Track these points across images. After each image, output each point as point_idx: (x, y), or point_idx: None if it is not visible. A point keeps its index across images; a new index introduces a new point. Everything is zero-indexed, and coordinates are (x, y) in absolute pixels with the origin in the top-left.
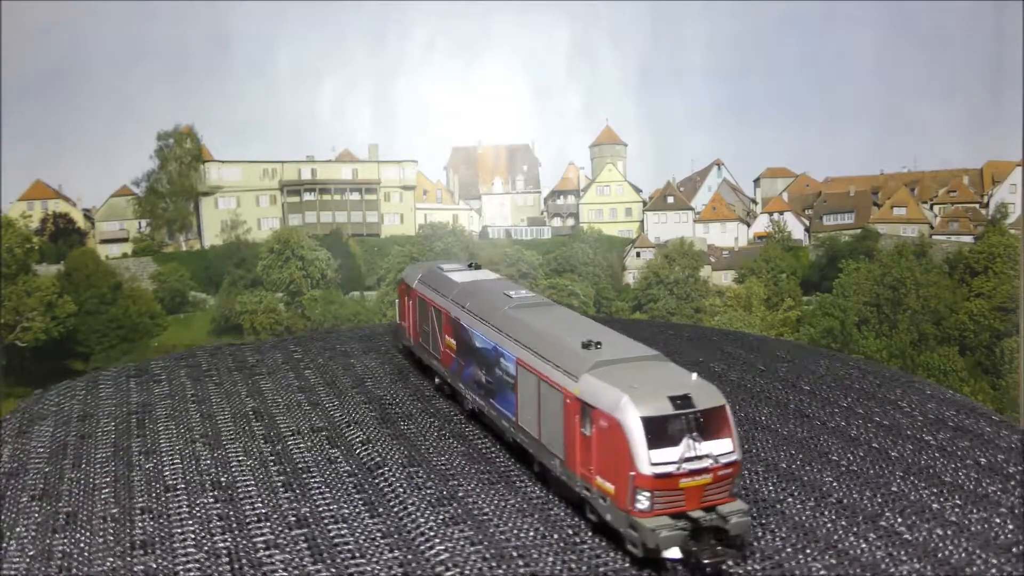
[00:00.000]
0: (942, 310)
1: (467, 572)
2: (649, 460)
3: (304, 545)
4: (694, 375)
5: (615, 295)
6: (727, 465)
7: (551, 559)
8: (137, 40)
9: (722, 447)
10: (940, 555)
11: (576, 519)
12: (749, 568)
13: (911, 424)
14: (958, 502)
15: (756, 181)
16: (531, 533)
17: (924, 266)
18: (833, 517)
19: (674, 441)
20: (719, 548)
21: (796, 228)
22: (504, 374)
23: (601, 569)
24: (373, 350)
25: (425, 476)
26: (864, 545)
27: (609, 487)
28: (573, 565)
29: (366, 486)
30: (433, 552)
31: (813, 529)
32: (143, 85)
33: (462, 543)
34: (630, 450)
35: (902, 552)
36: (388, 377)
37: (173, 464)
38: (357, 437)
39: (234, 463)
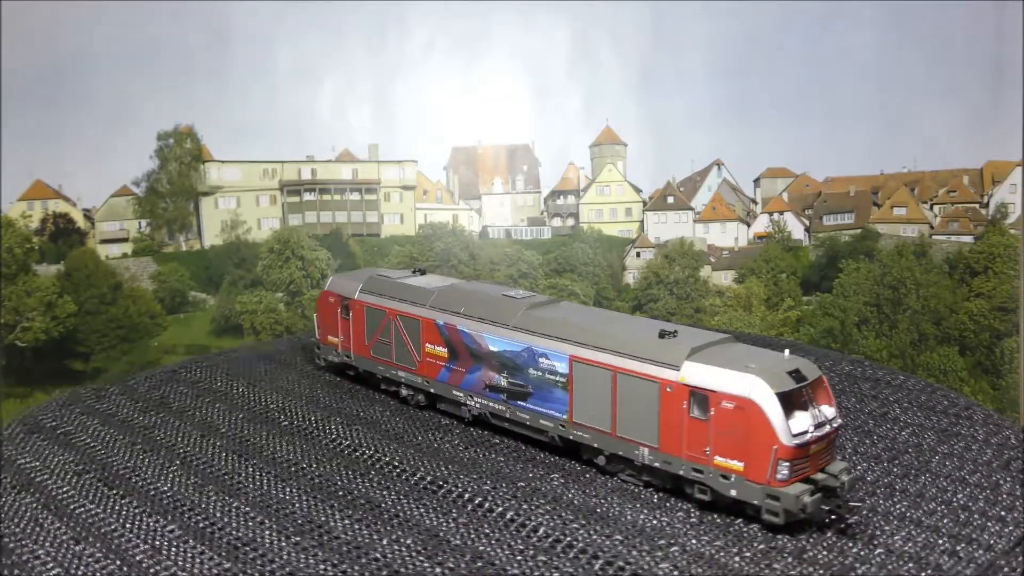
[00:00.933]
0: (942, 310)
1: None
2: (790, 432)
3: None
4: (786, 351)
5: (615, 295)
6: (835, 429)
7: (716, 540)
8: (137, 40)
9: (831, 413)
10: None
11: (676, 502)
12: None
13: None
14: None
15: (756, 181)
16: (671, 520)
17: (924, 266)
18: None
19: (799, 412)
20: (846, 502)
21: (796, 228)
22: (545, 374)
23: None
24: (284, 366)
25: (528, 499)
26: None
27: (736, 465)
28: (728, 544)
29: (495, 530)
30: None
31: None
32: (143, 85)
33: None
34: (770, 426)
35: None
36: (336, 394)
37: None
38: (401, 465)
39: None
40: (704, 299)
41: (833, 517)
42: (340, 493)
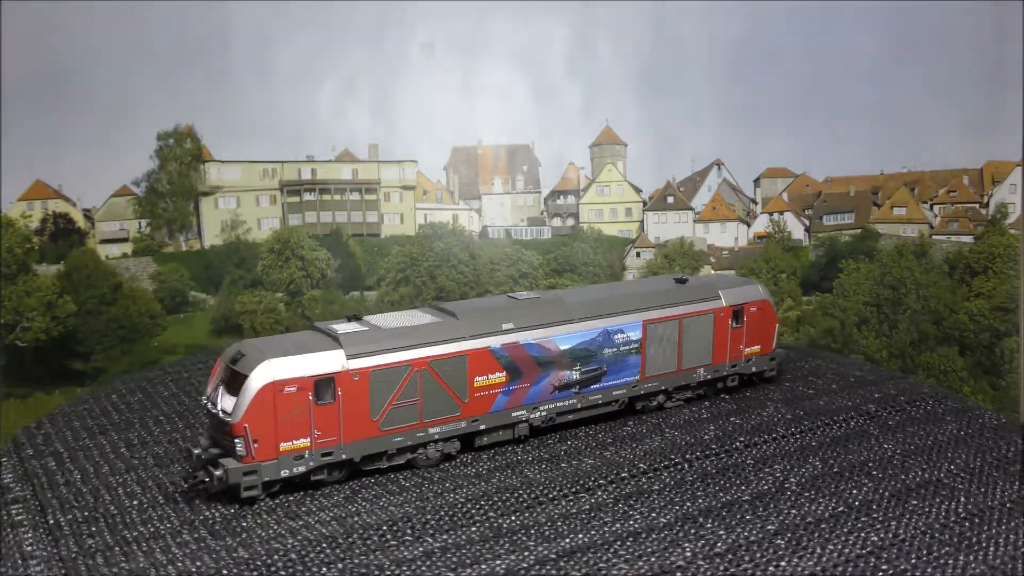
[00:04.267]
0: (942, 310)
1: None
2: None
3: None
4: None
5: None
6: None
7: None
8: (137, 40)
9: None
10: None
11: None
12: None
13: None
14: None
15: (756, 181)
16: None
17: (924, 266)
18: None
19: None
20: None
21: (796, 228)
22: (619, 347)
23: None
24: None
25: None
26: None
27: (756, 348)
28: None
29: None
30: None
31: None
32: (143, 85)
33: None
34: (775, 309)
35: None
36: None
37: None
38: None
39: None
40: None
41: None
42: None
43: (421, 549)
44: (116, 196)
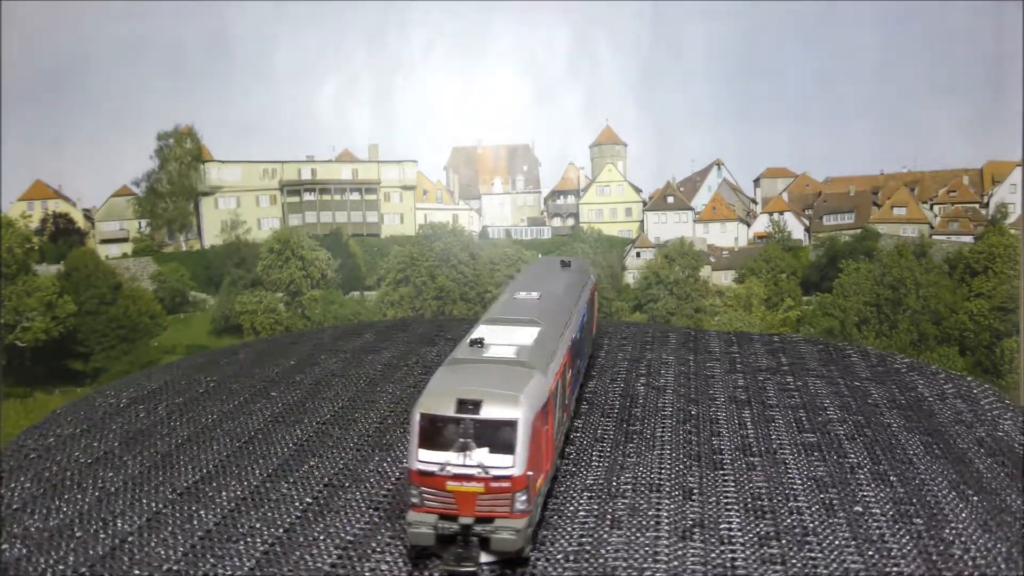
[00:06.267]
0: (942, 310)
1: None
2: None
3: None
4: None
5: (615, 295)
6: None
7: None
8: (137, 40)
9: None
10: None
11: None
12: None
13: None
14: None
15: (756, 181)
16: None
17: (924, 266)
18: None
19: None
20: None
21: (796, 228)
22: (584, 333)
23: None
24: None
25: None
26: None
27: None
28: None
29: None
30: None
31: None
32: (143, 85)
33: None
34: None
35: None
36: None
37: None
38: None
39: None
40: (704, 299)
41: None
42: None
43: None
44: (116, 196)
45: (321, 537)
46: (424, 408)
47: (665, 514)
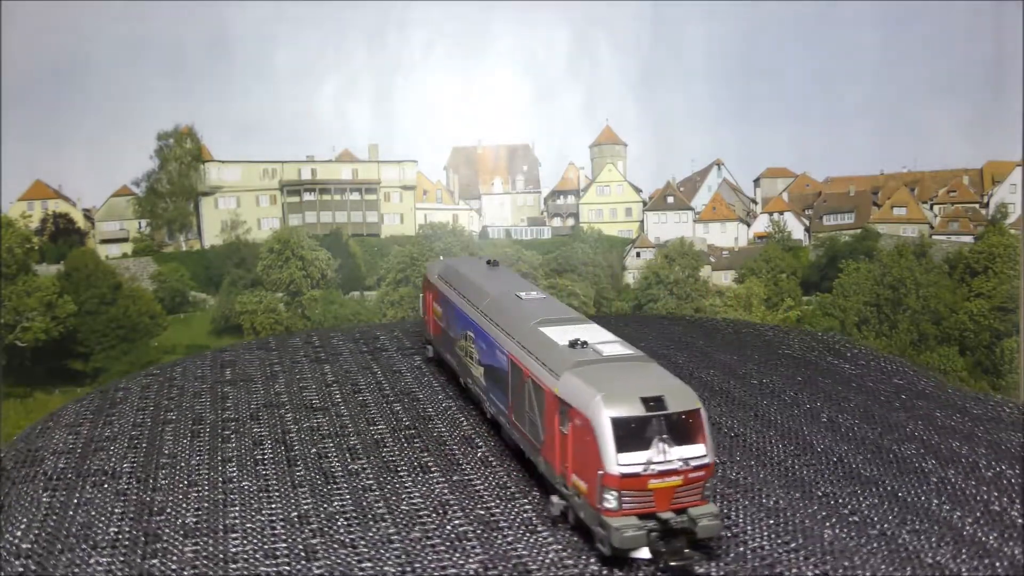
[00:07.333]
0: (942, 310)
1: None
2: None
3: None
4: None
5: (615, 295)
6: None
7: None
8: (137, 40)
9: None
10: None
11: None
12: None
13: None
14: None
15: (756, 181)
16: None
17: (924, 266)
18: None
19: None
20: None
21: (796, 228)
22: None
23: None
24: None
25: None
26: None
27: None
28: None
29: None
30: None
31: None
32: (143, 85)
33: None
34: None
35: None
36: None
37: None
38: None
39: None
40: (704, 299)
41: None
42: None
43: None
44: (116, 196)
45: None
46: (614, 412)
47: None
